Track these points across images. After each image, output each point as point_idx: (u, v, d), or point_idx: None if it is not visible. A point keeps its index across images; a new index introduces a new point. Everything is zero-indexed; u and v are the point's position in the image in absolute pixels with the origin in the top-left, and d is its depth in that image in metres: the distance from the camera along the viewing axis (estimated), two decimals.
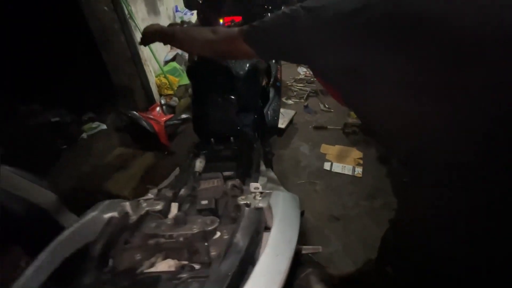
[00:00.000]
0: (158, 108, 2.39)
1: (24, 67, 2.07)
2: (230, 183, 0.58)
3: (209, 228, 0.43)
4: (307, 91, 2.79)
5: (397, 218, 0.73)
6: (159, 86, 2.63)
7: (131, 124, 2.02)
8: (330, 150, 1.98)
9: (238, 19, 1.21)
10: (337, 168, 1.82)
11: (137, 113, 2.09)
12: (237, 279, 0.32)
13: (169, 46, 3.48)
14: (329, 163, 1.86)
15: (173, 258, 0.39)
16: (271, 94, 1.10)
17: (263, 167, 0.72)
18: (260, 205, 0.44)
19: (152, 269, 0.38)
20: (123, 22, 1.96)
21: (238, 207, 0.47)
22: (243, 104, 0.88)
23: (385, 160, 1.78)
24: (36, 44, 1.99)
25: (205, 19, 1.27)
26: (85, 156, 1.59)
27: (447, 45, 0.43)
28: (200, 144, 0.88)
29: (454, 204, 0.51)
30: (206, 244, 0.41)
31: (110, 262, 0.40)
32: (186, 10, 4.14)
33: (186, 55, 3.42)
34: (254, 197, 0.47)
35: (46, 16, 1.90)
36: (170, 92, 2.68)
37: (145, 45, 0.97)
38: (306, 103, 2.62)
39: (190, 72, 0.99)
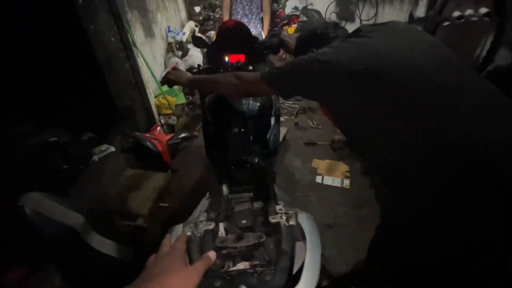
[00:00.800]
0: (159, 128, 2.53)
1: (30, 93, 2.17)
2: (256, 205, 0.77)
3: (261, 240, 0.61)
4: (296, 108, 3.04)
5: (381, 223, 0.93)
6: (158, 107, 2.78)
7: (136, 146, 2.15)
8: (320, 164, 2.21)
9: (242, 57, 1.42)
10: (328, 180, 2.04)
11: (141, 135, 2.23)
12: (291, 272, 0.53)
13: (163, 67, 3.65)
14: (320, 176, 2.08)
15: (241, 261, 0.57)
16: (272, 122, 1.29)
17: (276, 189, 0.91)
18: (291, 223, 0.63)
19: (234, 268, 0.55)
20: (128, 50, 2.12)
21: (273, 225, 0.65)
22: (255, 135, 1.08)
23: (368, 172, 2.02)
24: (45, 75, 2.10)
25: (213, 57, 1.46)
26: (99, 178, 1.70)
27: (410, 99, 0.67)
28: (220, 171, 1.06)
29: (418, 206, 0.71)
30: (260, 251, 0.59)
31: None
32: (178, 30, 4.34)
33: None
34: (281, 217, 0.66)
35: (57, 48, 2.02)
36: (169, 111, 2.83)
37: (170, 87, 1.14)
38: (296, 120, 2.85)
39: (210, 109, 1.17)
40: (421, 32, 0.91)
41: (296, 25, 3.83)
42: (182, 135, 2.54)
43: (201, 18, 5.13)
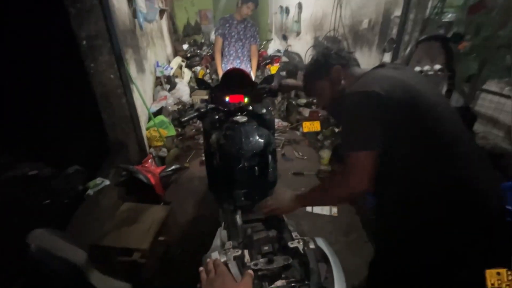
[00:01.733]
0: (150, 160, 2.55)
1: (16, 126, 2.14)
2: (271, 233, 0.87)
3: (289, 262, 0.70)
4: (282, 140, 3.24)
5: (379, 245, 1.04)
6: (149, 139, 2.83)
7: (130, 178, 2.16)
8: None
9: (241, 97, 1.59)
10: (317, 209, 2.17)
11: (134, 167, 2.24)
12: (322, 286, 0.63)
13: (152, 100, 3.75)
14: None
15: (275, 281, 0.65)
16: (270, 158, 1.40)
17: (284, 217, 1.02)
18: (311, 246, 0.74)
19: (273, 286, 0.63)
20: (126, 86, 2.22)
21: (292, 249, 0.76)
22: (260, 169, 1.21)
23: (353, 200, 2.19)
24: (41, 109, 2.11)
25: (216, 97, 1.62)
26: (96, 212, 1.67)
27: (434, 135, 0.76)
28: (229, 201, 1.15)
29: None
30: (289, 271, 0.68)
31: None
32: (166, 65, 4.55)
33: (170, 107, 3.71)
34: (299, 242, 0.77)
35: (54, 83, 2.07)
36: (160, 143, 2.88)
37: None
38: (283, 152, 3.03)
39: (219, 147, 1.28)
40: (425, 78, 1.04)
41: (278, 64, 4.21)
42: (173, 167, 2.59)
43: (188, 54, 5.41)
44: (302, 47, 4.50)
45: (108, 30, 1.99)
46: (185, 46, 5.64)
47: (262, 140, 1.23)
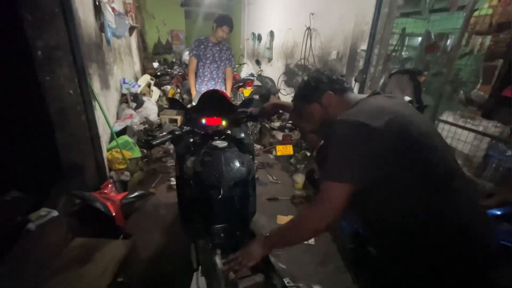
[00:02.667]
0: (110, 185, 2.27)
1: None
2: (257, 278, 0.75)
3: None
4: (256, 163, 3.17)
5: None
6: (110, 161, 2.54)
7: (84, 208, 1.87)
8: (284, 220, 2.26)
9: (219, 121, 1.50)
10: None
11: (91, 194, 1.96)
12: None
13: (116, 118, 3.47)
14: None
15: None
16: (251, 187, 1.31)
17: (271, 258, 0.91)
18: None
19: None
20: (87, 103, 2.00)
21: None
22: (241, 200, 1.10)
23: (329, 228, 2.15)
24: None
25: (192, 120, 1.51)
26: (38, 251, 1.37)
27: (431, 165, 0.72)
28: (206, 238, 1.01)
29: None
30: None
31: None
32: (133, 82, 4.32)
33: (136, 126, 3.46)
34: None
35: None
36: (122, 166, 2.61)
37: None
38: (256, 176, 2.95)
39: (195, 175, 1.15)
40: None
41: (251, 88, 4.25)
42: (137, 193, 2.33)
43: (158, 73, 5.24)
44: (274, 73, 4.65)
45: (71, 42, 1.80)
46: (156, 65, 5.48)
47: (244, 168, 1.14)
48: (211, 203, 1.05)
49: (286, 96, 4.42)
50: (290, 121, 3.80)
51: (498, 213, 1.04)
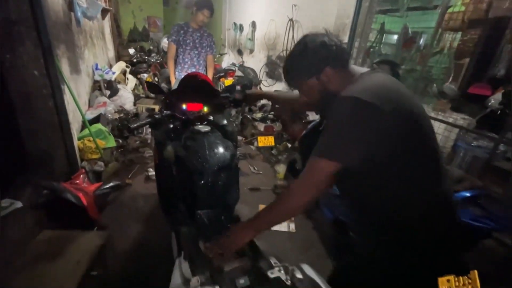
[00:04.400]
0: (82, 176, 2.13)
1: None
2: (243, 260, 0.74)
3: None
4: (237, 154, 3.14)
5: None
6: (82, 151, 2.38)
7: (53, 199, 1.73)
8: None
9: (200, 106, 1.45)
10: (275, 226, 2.09)
11: (60, 185, 1.83)
12: None
13: (87, 105, 3.26)
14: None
15: None
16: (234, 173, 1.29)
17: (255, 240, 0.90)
18: (298, 276, 0.63)
19: None
20: (55, 87, 1.84)
21: (273, 280, 0.64)
22: (225, 185, 1.07)
23: (309, 216, 2.19)
24: None
25: (170, 104, 1.44)
26: (1, 244, 1.25)
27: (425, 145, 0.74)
28: (189, 224, 0.98)
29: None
30: None
31: None
32: (107, 69, 4.07)
33: (110, 115, 3.27)
34: (280, 271, 0.66)
35: None
36: (95, 156, 2.46)
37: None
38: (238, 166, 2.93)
39: (177, 161, 1.10)
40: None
41: (232, 78, 4.18)
42: (112, 184, 2.21)
43: (134, 60, 4.98)
44: (256, 64, 4.61)
45: (34, 16, 1.63)
46: (131, 51, 5.19)
47: (228, 153, 1.11)
48: (195, 188, 1.01)
49: (268, 87, 4.40)
50: (272, 113, 3.80)
51: (467, 195, 1.11)
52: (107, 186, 2.14)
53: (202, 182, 1.02)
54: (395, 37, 3.07)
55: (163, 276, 0.95)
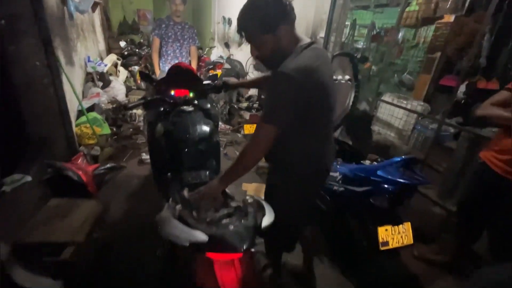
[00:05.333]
0: (81, 158, 2.35)
1: None
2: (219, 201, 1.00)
3: (231, 211, 0.85)
4: (224, 141, 3.39)
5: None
6: (79, 136, 2.59)
7: (56, 176, 1.95)
8: (249, 187, 2.54)
9: (187, 92, 1.68)
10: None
11: (62, 164, 2.04)
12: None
13: (81, 96, 3.43)
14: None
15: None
16: (214, 147, 1.54)
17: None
18: (250, 201, 0.90)
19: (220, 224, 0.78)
20: (55, 77, 2.04)
21: (235, 208, 0.91)
22: (206, 153, 1.33)
23: None
24: None
25: (161, 91, 1.67)
26: (15, 209, 1.46)
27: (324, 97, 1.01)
28: (177, 182, 1.23)
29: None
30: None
31: None
32: (99, 61, 4.22)
33: (104, 105, 3.46)
34: (240, 202, 0.92)
35: None
36: (92, 141, 2.67)
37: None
38: (225, 151, 3.18)
39: (166, 136, 1.34)
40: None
41: (220, 70, 4.38)
42: (109, 165, 2.44)
43: (126, 53, 5.11)
44: (244, 57, 4.81)
45: (35, 12, 1.82)
46: (123, 44, 5.31)
47: (207, 128, 1.36)
48: (181, 155, 1.26)
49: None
50: (258, 102, 4.05)
51: (397, 159, 1.40)
52: (104, 167, 2.37)
53: (186, 149, 1.27)
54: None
55: (156, 237, 1.20)
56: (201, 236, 0.71)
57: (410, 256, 1.85)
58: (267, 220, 0.83)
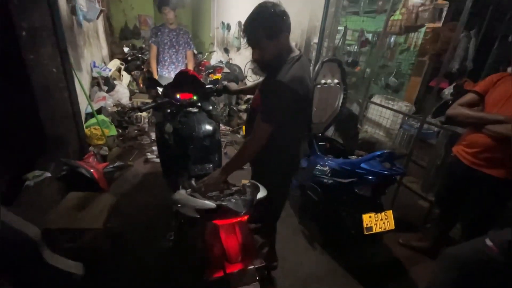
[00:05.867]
0: (92, 157, 2.53)
1: None
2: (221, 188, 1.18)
3: (232, 192, 1.04)
4: (225, 141, 3.57)
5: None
6: (89, 137, 2.77)
7: (70, 173, 2.13)
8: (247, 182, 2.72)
9: (191, 95, 1.87)
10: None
11: (76, 162, 2.22)
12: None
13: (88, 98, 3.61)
14: None
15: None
16: (216, 144, 1.72)
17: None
18: (248, 184, 1.08)
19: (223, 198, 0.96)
20: (69, 81, 2.22)
21: (235, 191, 1.09)
22: (210, 149, 1.52)
23: None
24: None
25: (168, 94, 1.85)
26: (38, 201, 1.64)
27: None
28: (185, 174, 1.42)
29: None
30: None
31: None
32: (104, 66, 4.41)
33: (109, 108, 3.64)
34: (242, 186, 1.11)
35: None
36: (101, 142, 2.85)
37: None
38: (225, 151, 3.36)
39: (174, 134, 1.53)
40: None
41: (220, 74, 4.58)
42: (117, 164, 2.62)
43: (128, 58, 5.30)
44: (242, 61, 5.01)
45: (53, 23, 2.01)
46: (126, 49, 5.51)
47: (210, 127, 1.55)
48: (188, 150, 1.44)
49: (252, 82, 4.82)
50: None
51: (378, 153, 1.59)
52: (113, 165, 2.55)
53: (192, 146, 1.45)
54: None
55: (163, 225, 1.35)
56: (210, 204, 0.89)
57: (396, 243, 2.03)
58: (261, 194, 1.02)
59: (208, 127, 1.53)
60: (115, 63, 5.03)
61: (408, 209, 2.37)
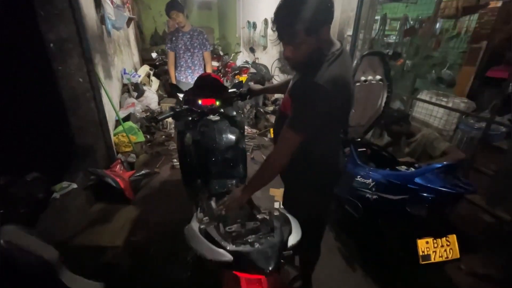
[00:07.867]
0: (119, 165, 2.53)
1: None
2: (242, 211, 1.00)
3: (257, 225, 0.85)
4: (252, 145, 3.41)
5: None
6: (117, 145, 2.79)
7: (98, 183, 2.12)
8: (276, 192, 2.52)
9: (213, 101, 1.72)
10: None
11: (103, 171, 2.21)
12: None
13: (119, 107, 3.69)
14: (278, 203, 2.37)
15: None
16: (240, 154, 1.55)
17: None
18: (276, 214, 0.89)
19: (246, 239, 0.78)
20: (96, 91, 2.22)
21: (260, 220, 0.90)
22: (232, 162, 1.35)
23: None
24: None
25: (190, 101, 1.73)
26: (64, 214, 1.62)
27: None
28: (204, 191, 1.26)
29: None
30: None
31: None
32: (134, 72, 4.51)
33: (138, 114, 3.69)
34: (265, 213, 0.92)
35: (17, 86, 1.99)
36: (128, 149, 2.85)
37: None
38: (252, 156, 3.19)
39: (195, 145, 1.39)
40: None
41: (247, 75, 4.43)
42: (143, 172, 2.59)
43: (157, 63, 5.41)
44: (269, 60, 4.82)
45: (79, 34, 2.01)
46: (154, 55, 5.63)
47: (233, 137, 1.38)
48: (208, 163, 1.29)
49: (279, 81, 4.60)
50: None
51: (438, 165, 1.28)
52: (139, 174, 2.53)
53: (213, 158, 1.29)
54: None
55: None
56: (226, 256, 0.71)
57: (456, 270, 1.69)
58: (293, 238, 0.80)
59: (231, 136, 1.36)
60: (145, 69, 5.15)
61: (468, 226, 1.98)
